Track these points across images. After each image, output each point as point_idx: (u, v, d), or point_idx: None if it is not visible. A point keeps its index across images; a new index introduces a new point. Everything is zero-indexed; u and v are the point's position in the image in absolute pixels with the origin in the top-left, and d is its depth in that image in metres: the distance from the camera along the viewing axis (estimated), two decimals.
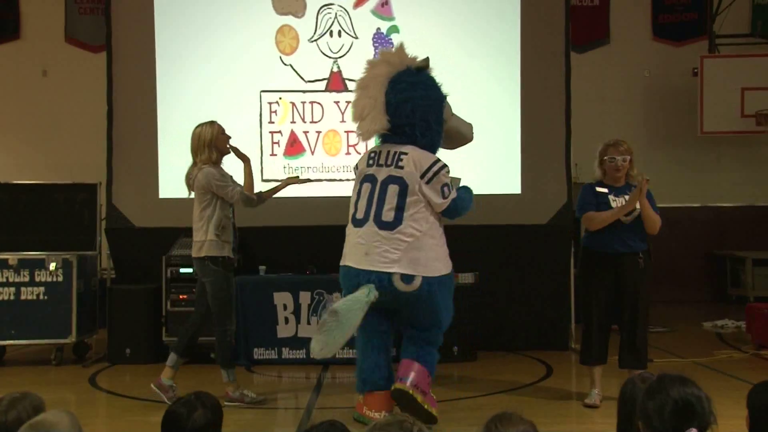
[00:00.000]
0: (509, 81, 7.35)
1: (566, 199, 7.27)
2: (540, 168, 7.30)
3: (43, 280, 6.80)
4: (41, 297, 6.80)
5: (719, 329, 8.48)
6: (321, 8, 7.38)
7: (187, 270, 6.74)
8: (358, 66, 7.18)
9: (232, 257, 5.42)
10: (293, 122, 7.34)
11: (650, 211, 5.07)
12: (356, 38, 7.37)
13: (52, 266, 6.81)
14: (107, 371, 6.65)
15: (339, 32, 7.37)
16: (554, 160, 7.32)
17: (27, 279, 6.79)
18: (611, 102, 11.24)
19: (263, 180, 6.97)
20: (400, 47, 5.04)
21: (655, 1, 11.43)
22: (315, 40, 7.38)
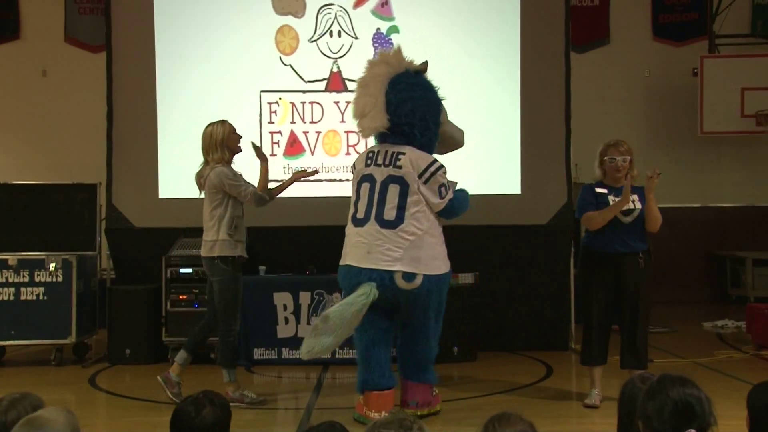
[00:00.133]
0: (509, 81, 7.34)
1: (566, 199, 7.27)
2: (540, 168, 7.29)
3: (43, 281, 6.80)
4: (41, 297, 6.79)
5: (719, 329, 8.48)
6: (321, 8, 7.37)
7: (187, 270, 6.76)
8: (358, 66, 7.19)
9: (245, 256, 5.42)
10: (293, 122, 7.34)
11: (653, 207, 5.05)
12: (356, 38, 7.37)
13: (52, 266, 6.81)
14: (107, 372, 6.64)
15: (339, 32, 7.37)
16: (554, 160, 7.32)
17: (27, 279, 6.79)
18: (611, 102, 11.24)
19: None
20: (398, 50, 5.09)
21: (656, 1, 11.43)
22: (315, 41, 7.38)
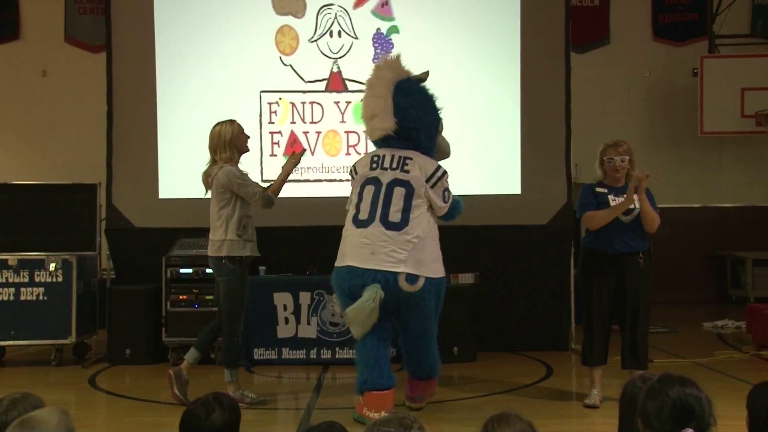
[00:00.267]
0: (509, 81, 7.34)
1: (566, 200, 7.27)
2: (540, 168, 7.29)
3: (43, 281, 6.80)
4: (41, 297, 6.79)
5: (719, 330, 8.48)
6: (321, 8, 7.37)
7: (187, 270, 6.76)
8: (358, 66, 7.29)
9: (258, 254, 5.41)
10: (293, 122, 7.33)
11: (648, 208, 5.05)
12: (356, 38, 7.37)
13: (52, 267, 6.81)
14: (107, 372, 6.64)
15: (339, 32, 7.37)
16: (554, 161, 7.32)
17: (27, 279, 6.78)
18: (611, 102, 11.24)
19: (263, 180, 6.97)
20: (399, 57, 5.18)
21: (656, 2, 11.43)
22: (315, 41, 7.38)
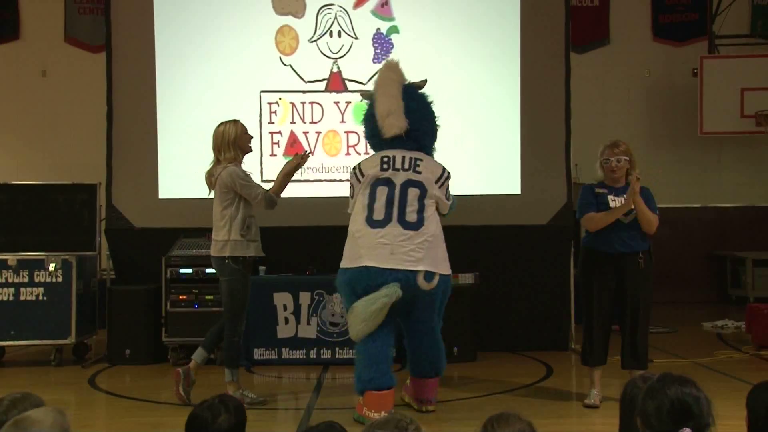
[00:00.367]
0: (509, 81, 7.34)
1: (566, 200, 7.27)
2: (540, 168, 7.29)
3: (43, 281, 6.80)
4: (41, 298, 6.79)
5: (719, 330, 8.48)
6: (321, 8, 7.37)
7: (187, 270, 6.76)
8: (358, 66, 7.30)
9: (262, 254, 5.41)
10: (293, 122, 7.33)
11: (644, 209, 5.04)
12: (356, 39, 7.36)
13: (52, 267, 6.81)
14: (107, 372, 6.64)
15: (339, 32, 7.37)
16: (554, 161, 7.32)
17: (26, 279, 6.78)
18: (611, 102, 11.25)
19: (263, 180, 6.97)
20: (398, 63, 5.29)
21: (656, 2, 11.43)
22: (315, 41, 7.38)
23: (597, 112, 10.64)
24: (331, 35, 7.38)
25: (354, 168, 5.17)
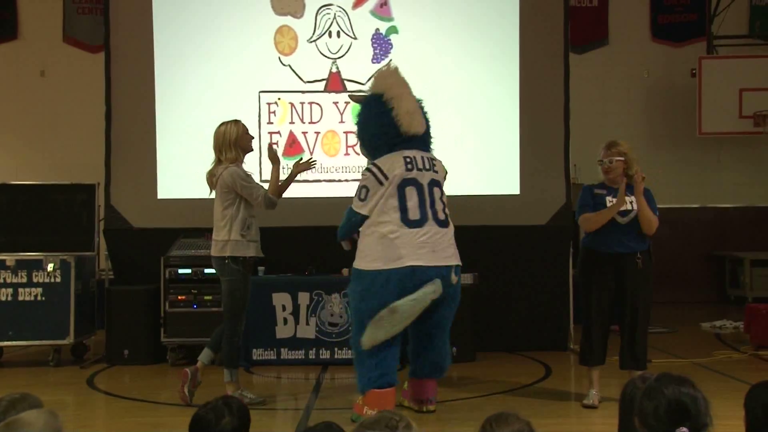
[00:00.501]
0: (509, 81, 7.34)
1: (565, 200, 7.28)
2: (539, 168, 7.30)
3: (41, 281, 6.79)
4: (39, 298, 6.79)
5: (718, 330, 8.48)
6: (320, 9, 7.37)
7: (186, 271, 6.75)
8: (357, 67, 7.30)
9: (261, 255, 5.41)
10: (292, 123, 7.33)
11: (646, 209, 5.04)
12: (355, 39, 7.36)
13: (50, 267, 6.81)
14: (105, 372, 6.63)
15: (338, 33, 7.37)
16: (553, 161, 7.32)
17: (25, 280, 6.78)
18: (611, 103, 11.25)
19: (261, 180, 6.96)
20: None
21: (655, 2, 11.44)
22: (314, 41, 7.38)
23: (596, 113, 10.65)
24: (330, 35, 7.38)
25: (371, 169, 4.94)
